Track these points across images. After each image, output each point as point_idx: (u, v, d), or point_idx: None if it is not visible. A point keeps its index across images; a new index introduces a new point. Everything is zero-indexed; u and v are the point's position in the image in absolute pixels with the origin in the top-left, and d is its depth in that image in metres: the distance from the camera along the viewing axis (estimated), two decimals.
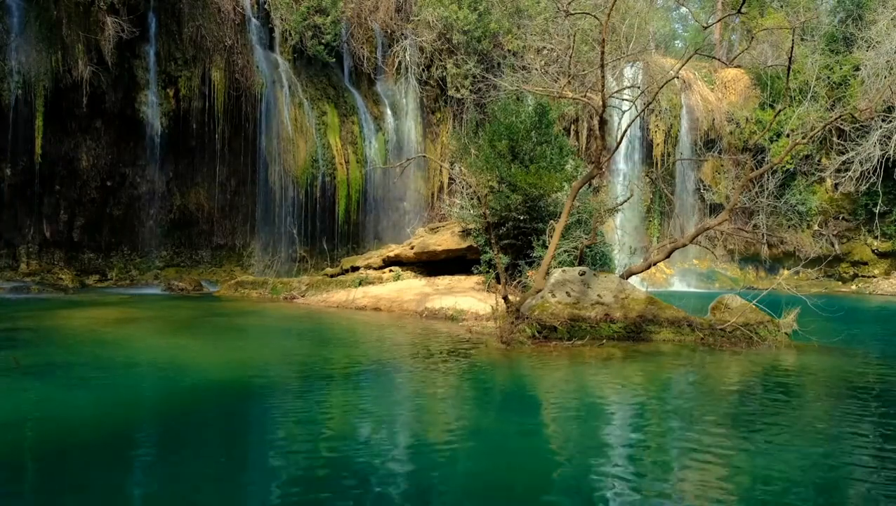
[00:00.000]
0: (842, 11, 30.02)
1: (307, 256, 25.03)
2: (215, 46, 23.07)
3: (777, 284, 13.78)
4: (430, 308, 15.27)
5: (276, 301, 18.77)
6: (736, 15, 27.16)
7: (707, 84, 31.27)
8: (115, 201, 23.17)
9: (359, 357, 10.18)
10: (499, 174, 17.21)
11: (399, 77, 27.35)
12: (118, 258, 23.44)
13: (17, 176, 21.03)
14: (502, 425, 6.47)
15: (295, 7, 24.76)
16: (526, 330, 10.97)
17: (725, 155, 30.18)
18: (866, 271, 29.33)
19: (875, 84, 26.58)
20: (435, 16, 26.55)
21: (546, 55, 27.39)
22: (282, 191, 24.23)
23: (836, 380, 8.89)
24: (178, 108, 22.72)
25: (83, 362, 8.90)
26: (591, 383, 8.53)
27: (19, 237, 21.80)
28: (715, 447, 5.62)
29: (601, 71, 11.56)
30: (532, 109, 18.10)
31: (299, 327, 13.73)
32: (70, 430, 5.88)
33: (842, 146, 26.92)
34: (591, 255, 15.55)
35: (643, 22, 27.81)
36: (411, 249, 19.90)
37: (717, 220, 13.21)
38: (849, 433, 6.14)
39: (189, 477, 4.86)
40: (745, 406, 7.29)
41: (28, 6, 19.99)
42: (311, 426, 6.13)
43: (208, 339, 11.57)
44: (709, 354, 10.58)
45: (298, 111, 24.50)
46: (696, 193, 31.01)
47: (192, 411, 6.75)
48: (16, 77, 19.80)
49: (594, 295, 11.91)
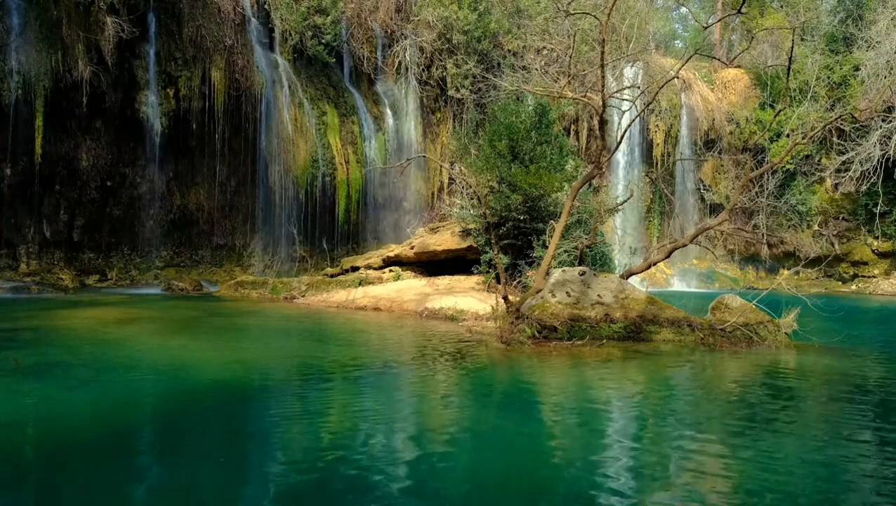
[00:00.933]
0: (842, 11, 30.03)
1: (307, 256, 25.03)
2: (215, 46, 23.08)
3: (777, 284, 13.79)
4: (430, 308, 15.27)
5: (276, 301, 18.77)
6: (736, 15, 27.13)
7: (707, 84, 31.27)
8: (115, 201, 23.18)
9: (359, 357, 10.18)
10: (499, 174, 17.21)
11: (399, 77, 27.35)
12: (118, 258, 23.45)
13: (17, 176, 21.04)
14: (502, 425, 6.47)
15: (295, 7, 24.76)
16: (526, 330, 10.97)
17: (725, 155, 30.18)
18: (866, 271, 29.33)
19: (875, 84, 26.58)
20: (435, 16, 26.55)
21: (546, 55, 27.40)
22: (282, 191, 24.23)
23: (836, 380, 8.88)
24: (178, 109, 22.73)
25: (83, 363, 8.90)
26: (591, 384, 8.53)
27: (19, 237, 21.80)
28: (715, 448, 5.62)
29: (601, 71, 11.56)
30: (532, 109, 18.10)
31: (299, 327, 13.72)
32: (70, 430, 5.88)
33: (842, 146, 26.92)
34: (591, 255, 15.55)
35: (643, 22, 27.81)
36: (411, 249, 19.91)
37: (717, 220, 13.21)
38: (849, 434, 6.13)
39: (189, 477, 4.86)
40: (745, 407, 7.29)
41: (28, 6, 19.99)
42: (310, 426, 6.13)
43: (208, 339, 11.56)
44: (709, 354, 10.57)
45: (298, 111, 24.50)
46: (696, 193, 31.02)
47: (192, 411, 6.75)
48: (16, 77, 19.80)
49: (594, 295, 11.91)
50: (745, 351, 10.77)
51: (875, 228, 28.60)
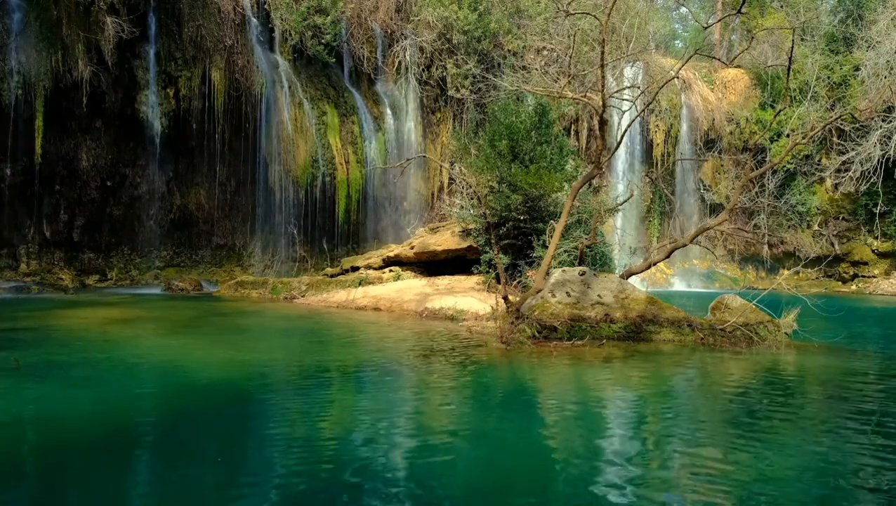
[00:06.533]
0: (842, 11, 30.02)
1: (307, 256, 25.03)
2: (215, 46, 23.07)
3: (777, 284, 13.78)
4: (430, 308, 15.26)
5: (276, 301, 18.77)
6: (736, 15, 27.15)
7: (707, 84, 31.27)
8: (115, 201, 23.18)
9: (359, 357, 10.18)
10: (499, 174, 17.21)
11: (399, 77, 27.35)
12: (118, 258, 23.44)
13: (17, 176, 21.04)
14: (502, 425, 6.47)
15: (295, 7, 24.76)
16: (526, 330, 10.97)
17: (725, 155, 30.18)
18: (866, 271, 29.32)
19: (875, 84, 26.57)
20: (435, 16, 26.55)
21: (546, 55, 27.39)
22: (282, 191, 24.23)
23: (835, 380, 8.88)
24: (178, 109, 22.72)
25: (83, 362, 8.90)
26: (592, 383, 8.53)
27: (19, 237, 21.80)
28: (715, 448, 5.62)
29: (601, 71, 11.56)
30: (532, 109, 18.10)
31: (299, 327, 13.72)
32: (70, 430, 5.88)
33: (842, 146, 26.92)
34: (591, 255, 15.54)
35: (643, 22, 27.81)
36: (411, 249, 19.91)
37: (718, 220, 13.21)
38: (849, 433, 6.13)
39: (189, 477, 4.86)
40: (745, 406, 7.29)
41: (28, 6, 19.99)
42: (310, 426, 6.13)
43: (208, 339, 11.56)
44: (709, 354, 10.57)
45: (298, 111, 24.50)
46: (696, 193, 31.02)
47: (192, 410, 6.75)
48: (16, 77, 19.80)
49: (594, 295, 11.91)
50: (745, 351, 10.77)
51: (875, 228, 28.60)
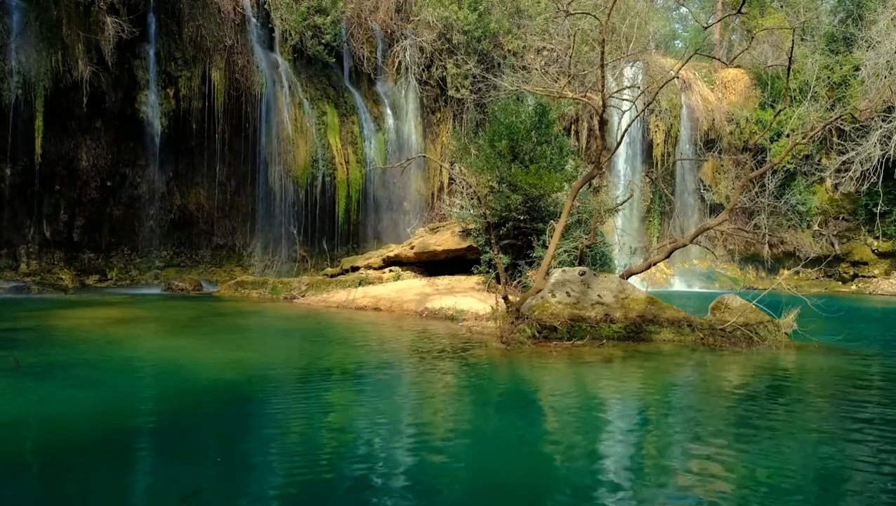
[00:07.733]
0: (842, 11, 30.03)
1: (307, 256, 25.03)
2: (215, 46, 23.07)
3: (777, 284, 13.78)
4: (431, 308, 15.26)
5: (276, 301, 18.77)
6: (736, 15, 27.15)
7: (707, 84, 31.27)
8: (115, 201, 23.18)
9: (359, 357, 10.18)
10: (499, 174, 17.21)
11: (399, 77, 27.35)
12: (118, 258, 23.44)
13: (17, 176, 21.04)
14: (502, 425, 6.47)
15: (295, 7, 24.76)
16: (526, 330, 10.97)
17: (725, 155, 30.19)
18: (866, 271, 29.33)
19: (875, 84, 26.58)
20: (435, 16, 26.55)
21: (546, 55, 27.40)
22: (282, 191, 24.23)
23: (836, 380, 8.88)
24: (178, 109, 22.72)
25: (83, 362, 8.90)
26: (592, 384, 8.53)
27: (19, 237, 21.80)
28: (715, 448, 5.62)
29: (601, 71, 11.56)
30: (532, 109, 18.10)
31: (299, 327, 13.72)
32: (70, 430, 5.88)
33: (842, 146, 26.93)
34: (591, 255, 15.55)
35: (643, 22, 27.82)
36: (411, 249, 19.91)
37: (718, 220, 13.21)
38: (849, 433, 6.13)
39: (188, 477, 4.86)
40: (745, 406, 7.29)
41: (28, 6, 19.99)
42: (310, 426, 6.13)
43: (208, 339, 11.56)
44: (709, 354, 10.57)
45: (298, 111, 24.50)
46: (696, 193, 31.03)
47: (192, 410, 6.74)
48: (16, 77, 19.80)
49: (594, 295, 11.91)
50: (745, 351, 10.77)
51: (875, 228, 28.60)
